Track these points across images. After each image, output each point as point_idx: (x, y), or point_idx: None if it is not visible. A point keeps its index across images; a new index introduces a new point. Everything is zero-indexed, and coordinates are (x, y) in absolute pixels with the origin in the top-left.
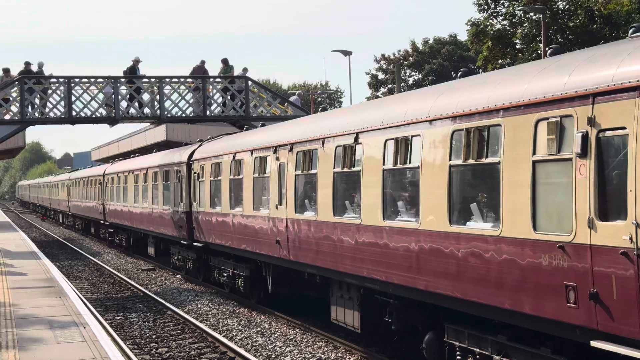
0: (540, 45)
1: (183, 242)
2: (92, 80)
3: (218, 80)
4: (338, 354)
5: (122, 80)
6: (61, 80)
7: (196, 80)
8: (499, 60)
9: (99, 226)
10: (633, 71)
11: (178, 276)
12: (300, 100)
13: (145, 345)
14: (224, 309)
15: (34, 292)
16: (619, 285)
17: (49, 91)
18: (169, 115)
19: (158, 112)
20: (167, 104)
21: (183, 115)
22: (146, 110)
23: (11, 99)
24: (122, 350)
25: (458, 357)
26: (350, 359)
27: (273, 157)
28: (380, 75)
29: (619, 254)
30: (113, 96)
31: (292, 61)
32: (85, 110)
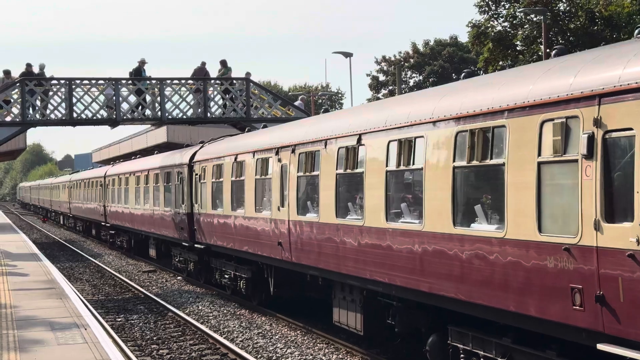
0: (541, 47)
1: (184, 244)
2: (93, 82)
3: (219, 81)
4: (339, 356)
5: (123, 82)
6: (62, 82)
7: (197, 81)
8: (499, 62)
9: (100, 228)
10: None
11: (179, 278)
12: (303, 103)
13: (146, 347)
14: (225, 311)
15: (35, 294)
16: (625, 288)
17: (50, 93)
18: (169, 117)
19: (159, 113)
20: (168, 105)
21: (184, 117)
22: (147, 112)
23: (12, 100)
24: (123, 351)
25: None
26: None
27: (275, 159)
28: (381, 77)
29: (625, 256)
30: (114, 98)
31: (292, 63)
32: (86, 112)
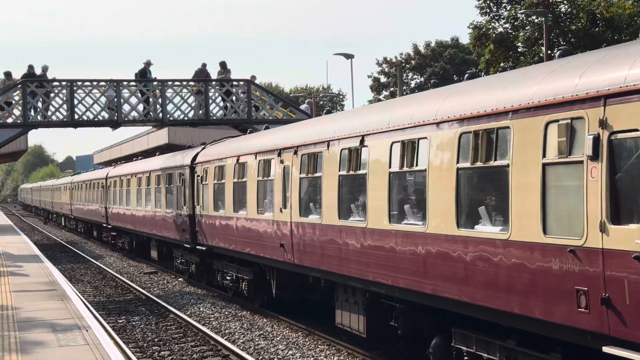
0: (542, 48)
1: (186, 246)
2: (95, 83)
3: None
4: (340, 357)
5: (125, 83)
6: (63, 83)
7: (198, 83)
8: (501, 64)
9: (102, 229)
10: None
11: (180, 279)
12: (310, 108)
13: (148, 349)
14: (226, 312)
15: (37, 295)
16: (631, 290)
17: (52, 94)
18: (171, 118)
19: (160, 115)
20: (169, 107)
21: (185, 118)
22: (148, 114)
23: (14, 102)
24: (125, 353)
25: None
26: None
27: (277, 160)
28: (383, 79)
29: (631, 258)
30: (115, 99)
31: (294, 64)
32: (88, 113)
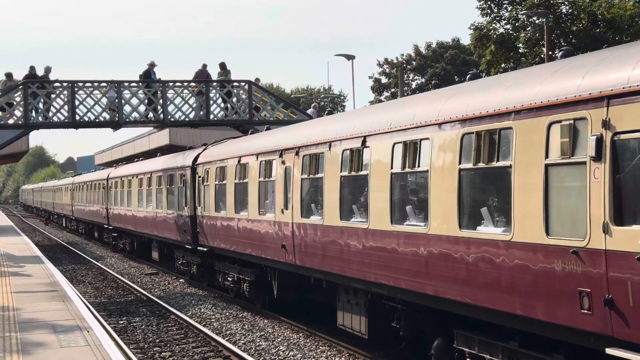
0: (544, 49)
1: (187, 247)
2: (96, 84)
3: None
4: (342, 359)
5: (126, 84)
6: (65, 84)
7: (199, 84)
8: (502, 65)
9: (103, 230)
10: None
11: (181, 280)
12: (316, 111)
13: (149, 350)
14: (227, 313)
15: (38, 296)
16: (635, 291)
17: (53, 95)
18: (172, 119)
19: (161, 116)
20: (170, 108)
21: (186, 119)
22: (149, 115)
23: (15, 103)
24: (126, 354)
25: None
26: None
27: (279, 161)
28: (384, 80)
29: (635, 260)
30: (116, 100)
31: (295, 65)
32: (89, 114)
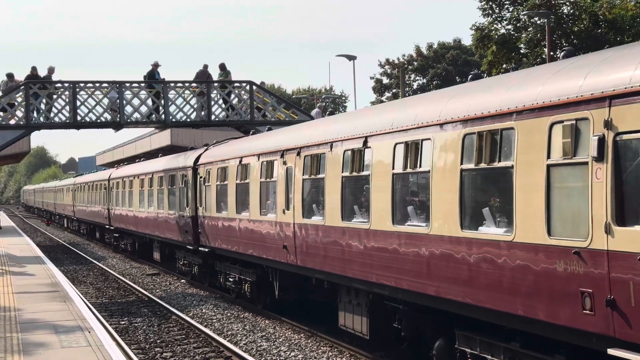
0: (545, 49)
1: (189, 247)
2: (97, 85)
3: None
4: (343, 359)
5: (127, 84)
6: (66, 85)
7: (200, 84)
8: (503, 65)
9: (104, 231)
10: None
11: (182, 281)
12: (321, 112)
13: (150, 350)
14: (228, 314)
15: (39, 297)
16: (637, 292)
17: (54, 96)
18: (173, 120)
19: (163, 116)
20: (172, 108)
21: (188, 119)
22: (151, 115)
23: (16, 103)
24: (127, 355)
25: None
26: None
27: (280, 162)
28: (385, 80)
29: (637, 260)
30: (118, 101)
31: (296, 66)
32: (90, 115)
